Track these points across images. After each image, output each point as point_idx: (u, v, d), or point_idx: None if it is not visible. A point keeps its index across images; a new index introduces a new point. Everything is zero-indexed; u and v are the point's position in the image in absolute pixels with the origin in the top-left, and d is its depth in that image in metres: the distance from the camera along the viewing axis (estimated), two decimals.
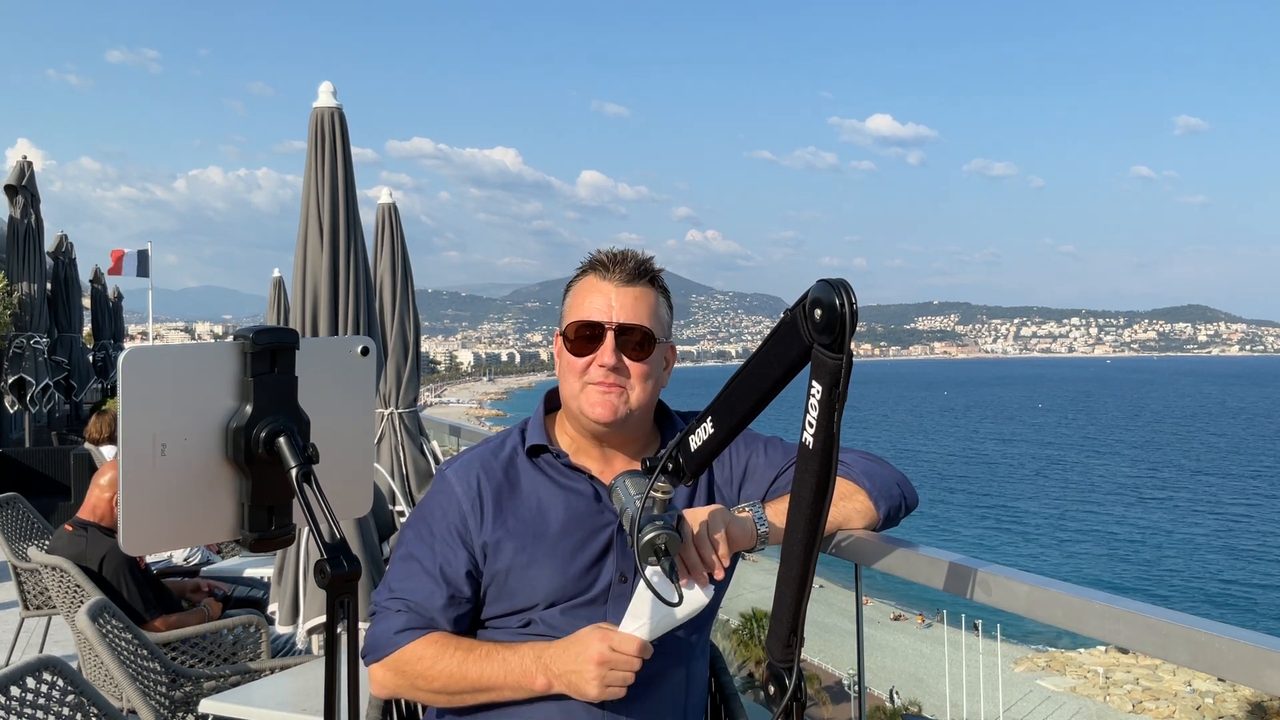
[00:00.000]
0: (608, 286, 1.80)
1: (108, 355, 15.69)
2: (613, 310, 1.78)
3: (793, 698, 1.30)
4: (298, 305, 4.07)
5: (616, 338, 1.77)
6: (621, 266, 1.80)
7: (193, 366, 1.01)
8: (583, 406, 1.80)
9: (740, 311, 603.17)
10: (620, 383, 1.78)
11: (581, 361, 1.79)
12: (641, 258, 1.82)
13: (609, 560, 1.79)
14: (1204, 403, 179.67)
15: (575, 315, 1.81)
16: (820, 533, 1.26)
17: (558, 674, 1.64)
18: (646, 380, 1.81)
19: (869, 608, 28.94)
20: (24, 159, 10.75)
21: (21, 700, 2.05)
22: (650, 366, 1.81)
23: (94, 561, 4.24)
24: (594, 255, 1.86)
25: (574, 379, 1.81)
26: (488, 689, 1.69)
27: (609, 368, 1.76)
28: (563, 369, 1.84)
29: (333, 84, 4.11)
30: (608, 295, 1.79)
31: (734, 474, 1.95)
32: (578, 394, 1.80)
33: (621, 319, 1.78)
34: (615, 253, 1.83)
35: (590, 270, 1.84)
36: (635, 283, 1.81)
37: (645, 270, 1.82)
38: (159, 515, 1.00)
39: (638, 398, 1.80)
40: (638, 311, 1.79)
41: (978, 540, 51.35)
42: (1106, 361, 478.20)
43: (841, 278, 1.15)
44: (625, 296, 1.79)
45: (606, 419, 1.78)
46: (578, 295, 1.84)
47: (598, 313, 1.78)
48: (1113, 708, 30.33)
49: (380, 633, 1.76)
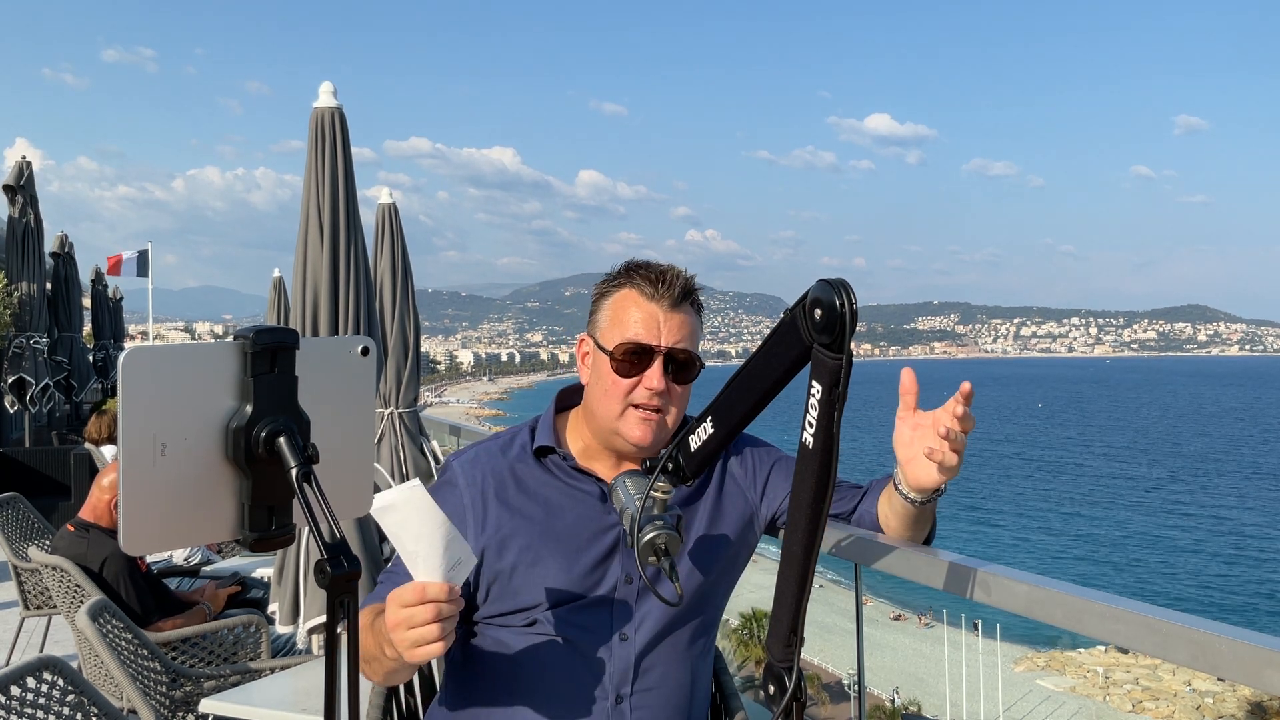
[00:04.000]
0: (655, 309, 1.76)
1: (108, 355, 15.68)
2: (662, 334, 1.75)
3: (793, 697, 1.30)
4: (298, 305, 4.07)
5: (665, 362, 1.75)
6: (670, 289, 1.76)
7: (193, 366, 1.01)
8: (621, 430, 1.77)
9: (740, 311, 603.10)
10: (662, 407, 1.77)
11: (627, 383, 1.75)
12: (687, 277, 1.79)
13: (615, 561, 1.78)
14: (1197, 403, 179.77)
15: (621, 333, 1.76)
16: (820, 533, 1.26)
17: (389, 640, 1.48)
18: (683, 402, 1.81)
19: (869, 608, 28.92)
20: (23, 158, 10.75)
21: (22, 700, 2.05)
22: (689, 389, 1.81)
23: (95, 563, 4.24)
24: (632, 266, 1.81)
25: (615, 401, 1.77)
26: (369, 659, 1.60)
27: (656, 391, 1.75)
28: (600, 387, 1.79)
29: (333, 84, 4.10)
30: (656, 318, 1.75)
31: (757, 480, 1.94)
32: (616, 416, 1.77)
33: (670, 343, 1.75)
34: (661, 270, 1.78)
35: (632, 285, 1.79)
36: (681, 305, 1.78)
37: (690, 291, 1.80)
38: (159, 515, 1.00)
39: (673, 420, 1.80)
40: (684, 335, 1.77)
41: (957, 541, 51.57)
42: (1106, 361, 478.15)
43: (841, 278, 1.15)
44: (673, 320, 1.76)
45: (646, 443, 1.77)
46: (620, 310, 1.79)
47: (648, 335, 1.75)
48: (1113, 707, 30.34)
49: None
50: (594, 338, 1.83)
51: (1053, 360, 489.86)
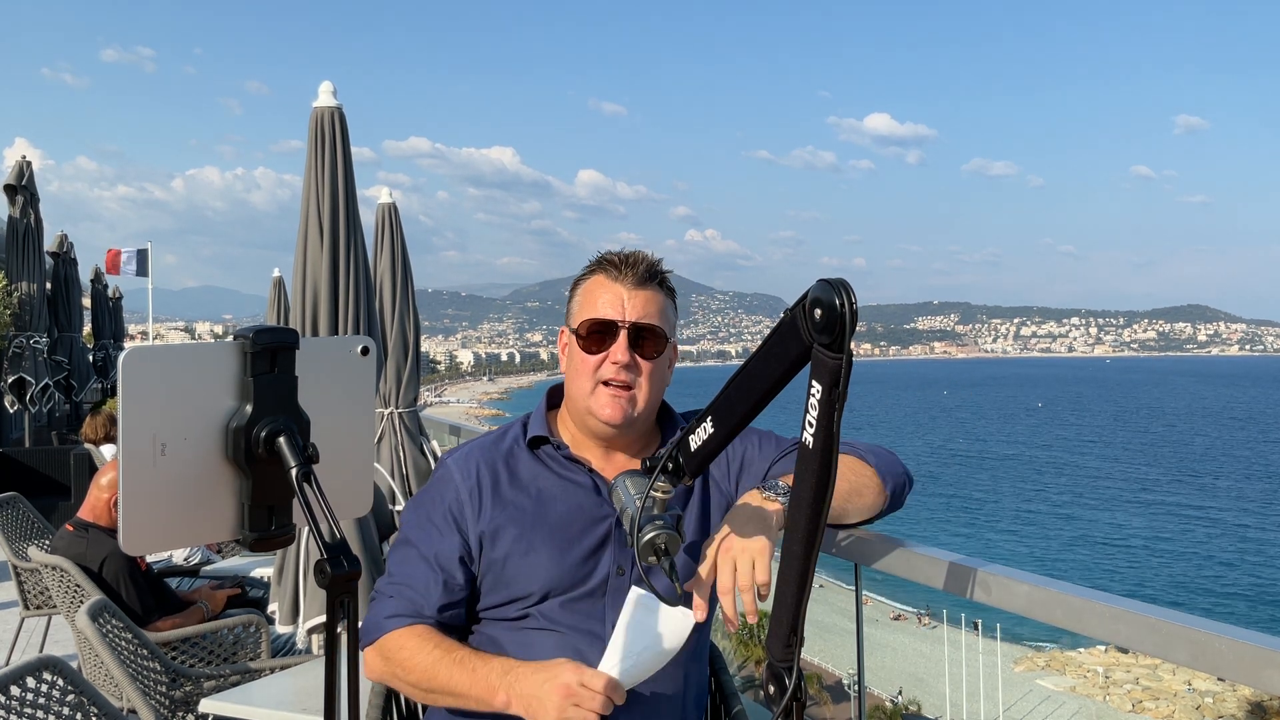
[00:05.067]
0: (620, 288, 1.82)
1: (108, 355, 15.68)
2: (625, 310, 1.80)
3: (793, 697, 1.29)
4: (298, 305, 4.07)
5: (630, 336, 1.79)
6: (634, 269, 1.82)
7: (193, 366, 1.01)
8: (592, 407, 1.81)
9: (740, 311, 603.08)
10: (630, 382, 1.80)
11: (594, 359, 1.80)
12: (652, 259, 1.85)
13: (606, 552, 1.79)
14: (1193, 403, 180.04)
15: (587, 314, 1.82)
16: (820, 532, 1.26)
17: (519, 695, 1.59)
18: (654, 379, 1.84)
19: (869, 607, 28.93)
20: (23, 158, 10.75)
21: (21, 700, 2.05)
22: (659, 365, 1.84)
23: (95, 563, 4.24)
24: (602, 255, 1.87)
25: (585, 379, 1.82)
26: (454, 694, 1.68)
27: (622, 365, 1.78)
28: (573, 368, 1.85)
29: (332, 84, 4.10)
30: (621, 296, 1.81)
31: (730, 468, 1.96)
32: (588, 395, 1.81)
33: (634, 318, 1.80)
34: (626, 254, 1.84)
35: (600, 270, 1.86)
36: (647, 285, 1.83)
37: (656, 272, 1.85)
38: (159, 515, 1.00)
39: (645, 398, 1.83)
40: (649, 311, 1.82)
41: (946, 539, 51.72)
42: (1106, 361, 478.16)
43: (841, 277, 1.15)
44: (637, 297, 1.81)
45: (617, 421, 1.80)
46: (588, 294, 1.85)
47: (611, 311, 1.80)
48: (1113, 707, 30.35)
49: (373, 616, 1.78)
50: (569, 326, 1.88)
51: (1053, 360, 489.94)
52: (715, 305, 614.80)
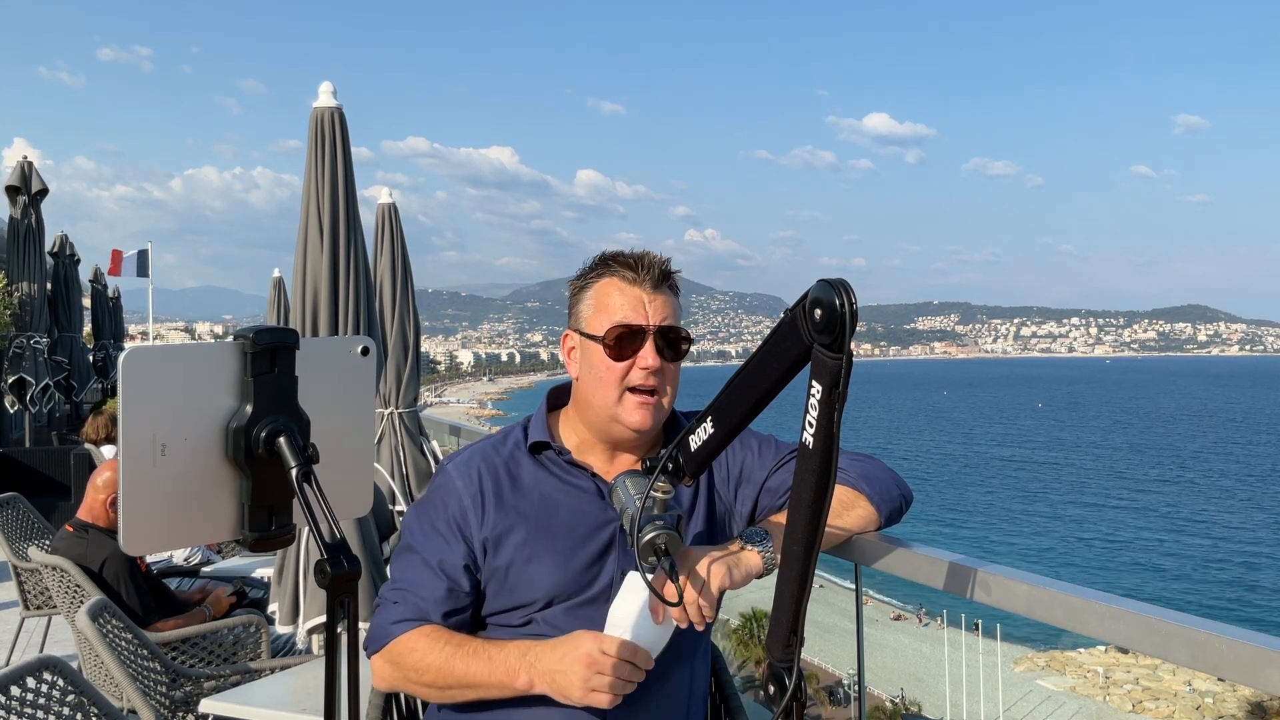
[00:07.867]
0: (639, 291, 1.78)
1: (108, 355, 15.68)
2: (649, 313, 1.77)
3: (793, 698, 1.29)
4: (298, 305, 4.07)
5: (656, 340, 1.77)
6: (649, 271, 1.79)
7: (193, 366, 1.01)
8: (620, 415, 1.78)
9: (740, 311, 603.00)
10: (658, 387, 1.78)
11: (622, 366, 1.76)
12: (663, 261, 1.82)
13: (611, 558, 1.78)
14: (1199, 403, 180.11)
15: (609, 318, 1.77)
16: (820, 533, 1.26)
17: (541, 672, 1.60)
18: (676, 382, 1.83)
19: (869, 608, 28.92)
20: (24, 159, 10.75)
21: (22, 700, 2.05)
22: (679, 367, 1.83)
23: (95, 563, 4.24)
24: (610, 256, 1.83)
25: (610, 387, 1.77)
26: (473, 685, 1.67)
27: (651, 370, 1.75)
28: (594, 376, 1.79)
29: (332, 84, 4.10)
30: (641, 299, 1.78)
31: (730, 475, 1.94)
32: (614, 403, 1.78)
33: (658, 321, 1.77)
34: (639, 255, 1.81)
35: (613, 272, 1.81)
36: (662, 287, 1.81)
37: (668, 274, 1.83)
38: (159, 515, 1.01)
39: (669, 401, 1.82)
40: (670, 313, 1.80)
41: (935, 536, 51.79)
42: (1106, 361, 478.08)
43: (841, 278, 1.15)
44: (657, 300, 1.79)
45: (646, 427, 1.79)
46: (603, 297, 1.80)
47: (637, 317, 1.77)
48: (1113, 707, 30.33)
49: (379, 623, 1.77)
50: (579, 330, 1.84)
51: (1053, 360, 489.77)
52: (715, 305, 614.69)
